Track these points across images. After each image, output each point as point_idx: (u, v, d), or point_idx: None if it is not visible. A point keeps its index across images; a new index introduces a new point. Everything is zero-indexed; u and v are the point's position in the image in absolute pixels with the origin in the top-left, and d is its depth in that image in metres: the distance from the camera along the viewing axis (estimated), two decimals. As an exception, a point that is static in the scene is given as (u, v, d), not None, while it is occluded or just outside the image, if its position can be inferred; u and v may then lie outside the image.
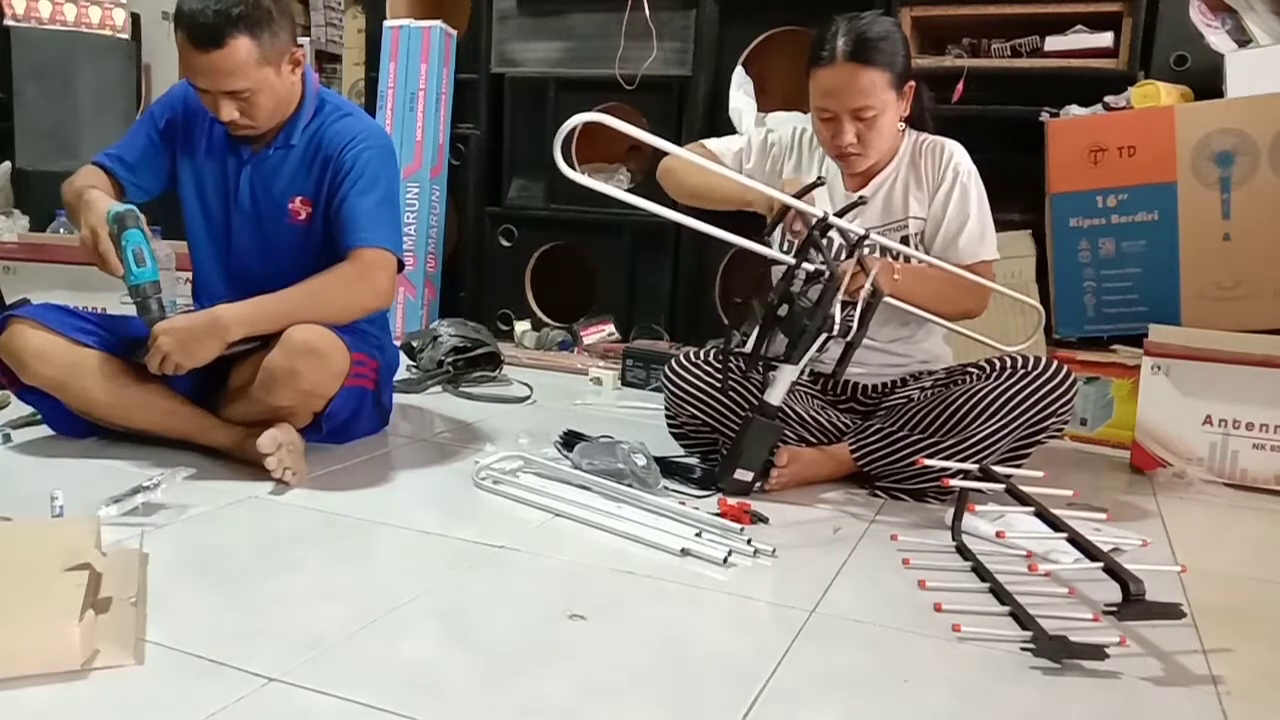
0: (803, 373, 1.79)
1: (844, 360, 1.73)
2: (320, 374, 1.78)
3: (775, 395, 1.75)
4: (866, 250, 1.77)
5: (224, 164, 1.98)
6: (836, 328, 1.69)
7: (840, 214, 1.76)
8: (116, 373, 1.84)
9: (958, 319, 1.91)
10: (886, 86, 1.81)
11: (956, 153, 1.92)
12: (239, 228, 1.98)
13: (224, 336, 1.75)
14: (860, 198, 1.84)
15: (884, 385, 2.00)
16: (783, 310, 1.72)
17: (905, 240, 1.90)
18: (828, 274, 1.69)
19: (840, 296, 1.68)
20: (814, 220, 1.71)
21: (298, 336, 1.76)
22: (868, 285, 1.69)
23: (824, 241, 1.71)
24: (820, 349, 1.73)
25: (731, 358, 1.82)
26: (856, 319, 1.69)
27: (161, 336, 1.72)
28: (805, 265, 1.71)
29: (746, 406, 1.85)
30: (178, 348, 1.72)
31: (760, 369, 1.79)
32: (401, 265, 1.94)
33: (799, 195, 1.74)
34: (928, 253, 1.89)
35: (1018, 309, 2.43)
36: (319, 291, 1.83)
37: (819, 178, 1.85)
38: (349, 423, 1.96)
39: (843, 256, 1.73)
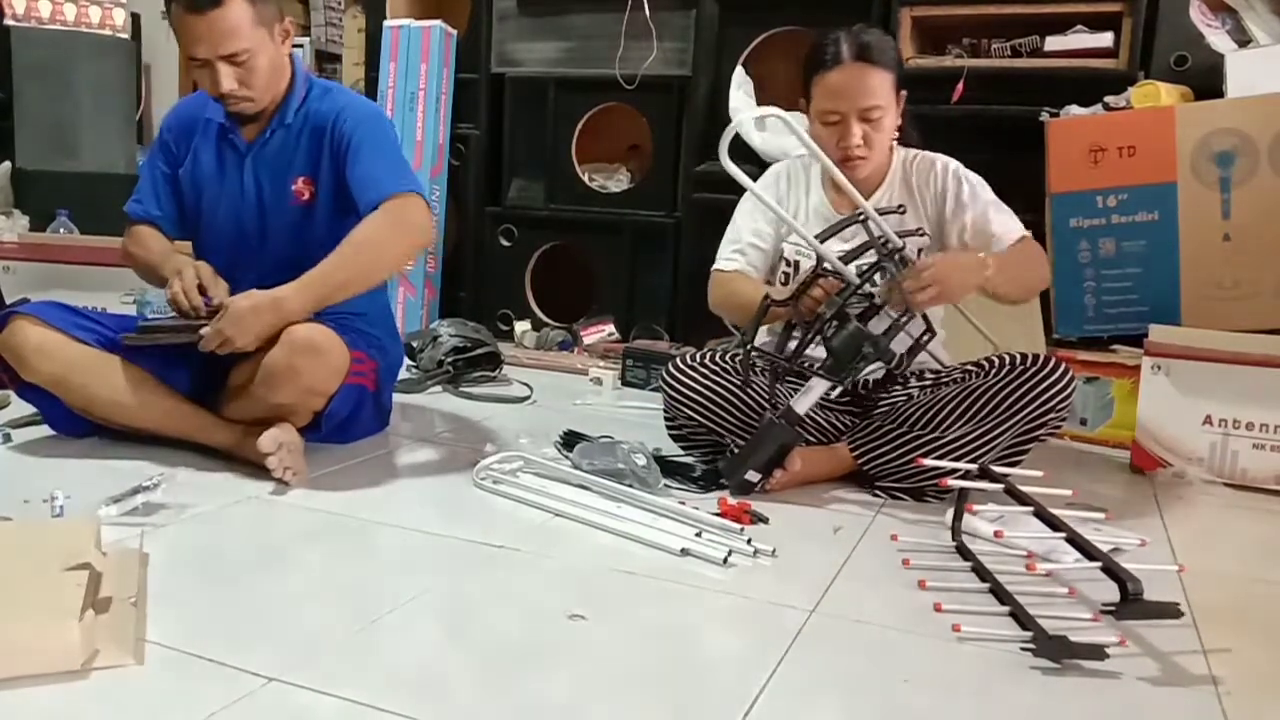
0: (833, 388, 1.82)
1: (883, 385, 1.81)
2: (321, 371, 1.79)
3: (803, 404, 1.76)
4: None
5: (222, 163, 1.99)
6: (895, 360, 1.75)
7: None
8: (117, 370, 1.84)
9: (1034, 296, 1.98)
10: (890, 88, 1.88)
11: (946, 160, 1.97)
12: (246, 219, 1.98)
13: (287, 318, 1.75)
14: (920, 230, 1.88)
15: (883, 383, 2.00)
16: (832, 326, 1.74)
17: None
18: (899, 315, 1.73)
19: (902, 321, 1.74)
20: (888, 246, 1.75)
21: (299, 334, 1.76)
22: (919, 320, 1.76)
23: (888, 267, 1.74)
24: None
25: (756, 358, 1.84)
26: (904, 351, 1.76)
27: (226, 313, 1.72)
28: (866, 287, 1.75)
29: (748, 409, 1.86)
30: (231, 323, 1.72)
31: (796, 372, 1.82)
32: (429, 205, 1.90)
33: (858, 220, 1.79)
34: None
35: (1015, 313, 2.43)
36: (362, 245, 1.78)
37: (900, 205, 1.89)
38: (348, 422, 1.96)
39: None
